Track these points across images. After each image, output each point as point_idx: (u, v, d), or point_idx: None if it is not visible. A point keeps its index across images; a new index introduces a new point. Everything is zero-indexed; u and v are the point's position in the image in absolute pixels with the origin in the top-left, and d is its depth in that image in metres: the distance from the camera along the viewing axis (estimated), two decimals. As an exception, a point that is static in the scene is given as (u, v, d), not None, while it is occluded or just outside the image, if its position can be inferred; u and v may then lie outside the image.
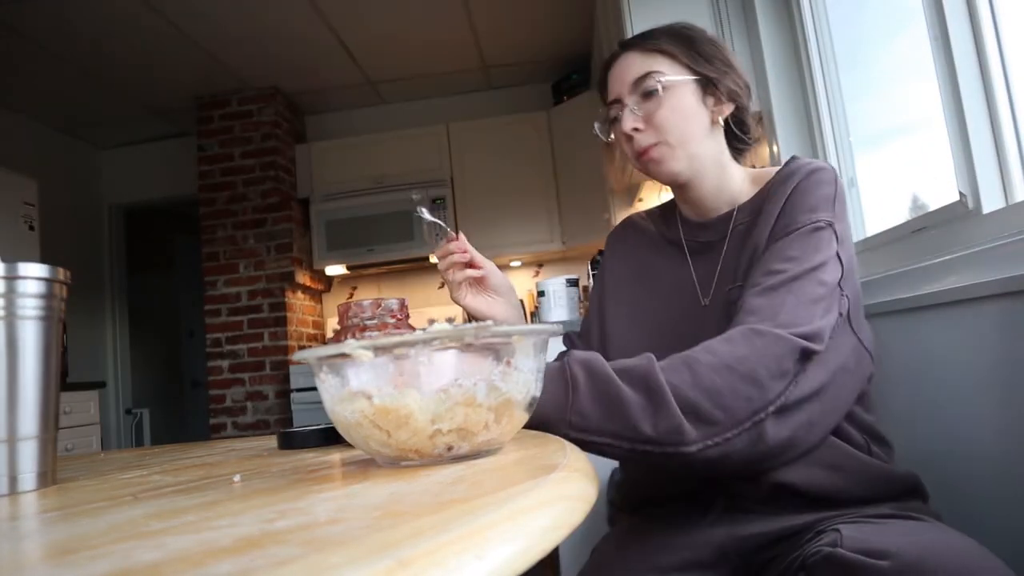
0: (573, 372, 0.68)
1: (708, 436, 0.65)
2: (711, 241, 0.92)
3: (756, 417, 0.66)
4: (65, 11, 2.85)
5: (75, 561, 0.27)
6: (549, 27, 3.41)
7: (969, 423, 1.02)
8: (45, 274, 0.55)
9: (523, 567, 0.27)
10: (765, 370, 0.67)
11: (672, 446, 0.65)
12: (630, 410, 0.65)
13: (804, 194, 0.82)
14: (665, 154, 0.88)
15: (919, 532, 0.65)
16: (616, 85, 0.91)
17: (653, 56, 0.88)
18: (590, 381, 0.67)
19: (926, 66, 1.21)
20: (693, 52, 0.88)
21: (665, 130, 0.87)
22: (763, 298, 0.73)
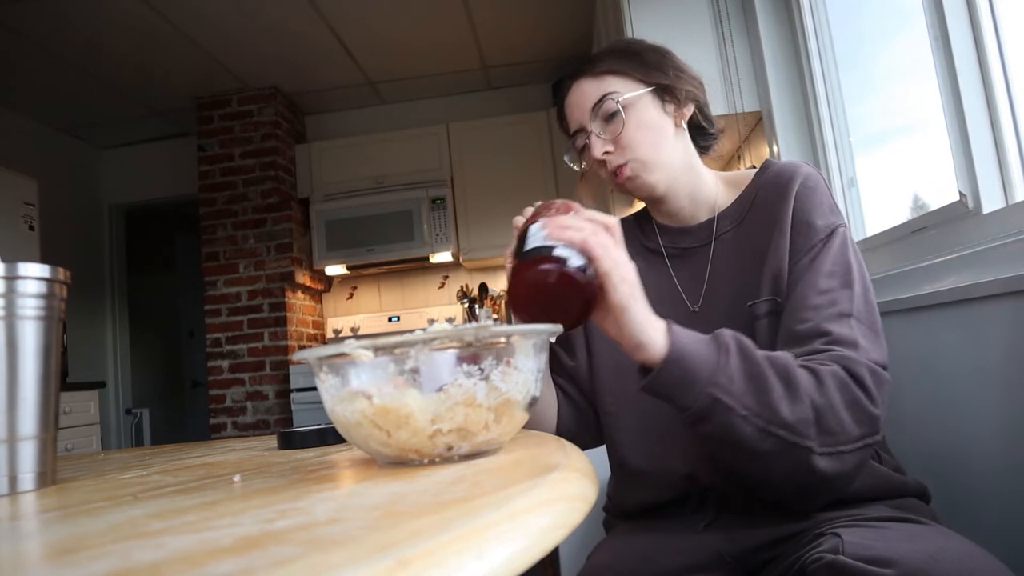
0: (725, 340, 0.68)
1: (826, 444, 0.66)
2: (693, 247, 0.91)
3: (865, 440, 0.68)
4: (65, 11, 2.85)
5: (75, 561, 0.27)
6: (549, 27, 3.41)
7: (969, 422, 1.02)
8: (45, 274, 0.55)
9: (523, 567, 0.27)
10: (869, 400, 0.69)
11: (801, 438, 0.65)
12: (772, 391, 0.66)
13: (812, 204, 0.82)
14: (638, 170, 0.88)
15: (922, 538, 0.63)
16: (576, 114, 0.91)
17: (604, 79, 0.89)
18: (740, 353, 0.68)
19: (926, 66, 1.21)
20: (641, 65, 0.89)
21: (633, 147, 0.87)
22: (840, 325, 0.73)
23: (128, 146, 4.33)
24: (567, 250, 0.63)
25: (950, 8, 1.13)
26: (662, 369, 0.66)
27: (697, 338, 0.68)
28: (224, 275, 3.67)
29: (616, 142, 0.87)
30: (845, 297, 0.75)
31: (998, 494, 0.97)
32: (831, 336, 0.72)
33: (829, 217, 0.81)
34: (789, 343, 0.75)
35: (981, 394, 0.99)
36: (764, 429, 0.65)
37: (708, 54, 2.01)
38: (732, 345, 0.68)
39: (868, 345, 0.73)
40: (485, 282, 3.79)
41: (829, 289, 0.76)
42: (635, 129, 0.87)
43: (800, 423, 0.65)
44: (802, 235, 0.81)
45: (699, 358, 0.66)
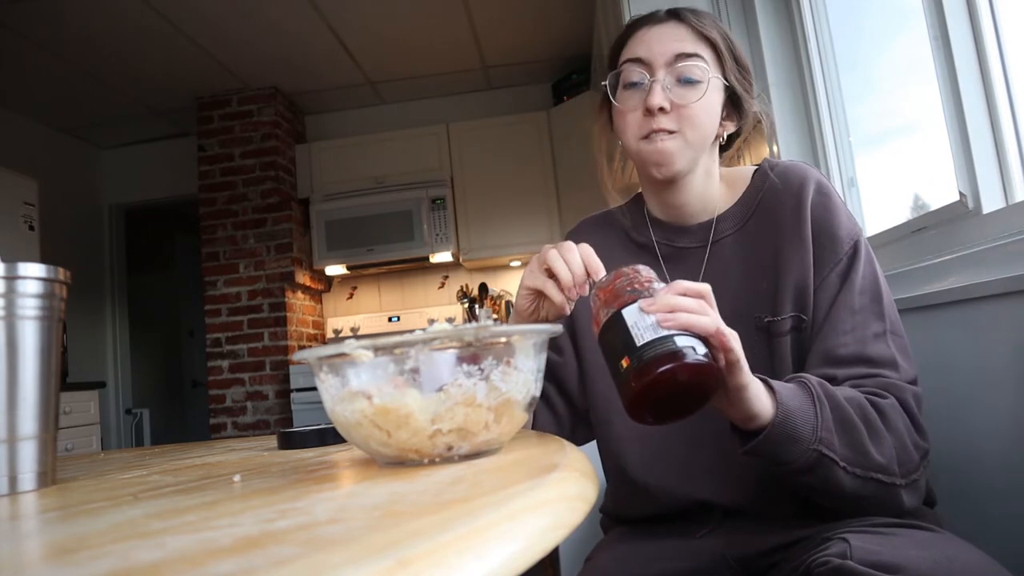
0: (813, 388, 0.68)
1: (905, 476, 0.69)
2: (688, 248, 0.88)
3: (924, 464, 0.71)
4: (65, 11, 2.85)
5: (75, 561, 0.27)
6: (549, 27, 3.41)
7: (970, 422, 1.02)
8: (45, 274, 0.55)
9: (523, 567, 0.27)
10: (916, 427, 0.71)
11: (893, 476, 0.68)
12: (862, 436, 0.67)
13: (831, 213, 0.80)
14: (678, 147, 0.81)
15: (930, 545, 0.63)
16: (654, 47, 0.82)
17: (702, 42, 0.82)
18: (829, 401, 0.68)
19: (926, 66, 1.21)
20: (734, 60, 0.85)
21: (691, 123, 0.81)
22: (879, 347, 0.74)
23: (128, 146, 4.33)
24: (686, 338, 0.58)
25: (950, 8, 1.13)
26: (770, 432, 0.65)
27: (792, 391, 0.67)
28: (224, 275, 3.67)
29: (679, 108, 0.80)
30: (877, 313, 0.75)
31: (999, 494, 0.97)
32: (874, 361, 0.73)
33: (850, 227, 0.79)
34: (829, 365, 0.74)
35: (981, 394, 0.99)
36: (863, 476, 0.67)
37: (708, 54, 2.01)
38: (821, 393, 0.68)
39: (904, 362, 0.74)
40: (485, 282, 3.79)
41: (863, 308, 0.75)
42: (703, 109, 0.81)
43: (890, 463, 0.67)
44: (826, 248, 0.78)
45: (801, 415, 0.66)
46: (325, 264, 3.72)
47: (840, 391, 0.70)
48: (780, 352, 0.78)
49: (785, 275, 0.79)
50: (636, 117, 0.83)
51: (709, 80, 0.81)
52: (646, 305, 0.60)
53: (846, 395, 0.69)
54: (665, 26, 0.84)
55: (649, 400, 0.58)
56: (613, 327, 0.60)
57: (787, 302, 0.79)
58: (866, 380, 0.72)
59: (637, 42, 0.84)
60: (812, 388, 0.68)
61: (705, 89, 0.81)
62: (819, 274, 0.78)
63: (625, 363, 0.58)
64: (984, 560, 0.62)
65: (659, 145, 0.81)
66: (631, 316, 0.59)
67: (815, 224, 0.80)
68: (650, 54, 0.82)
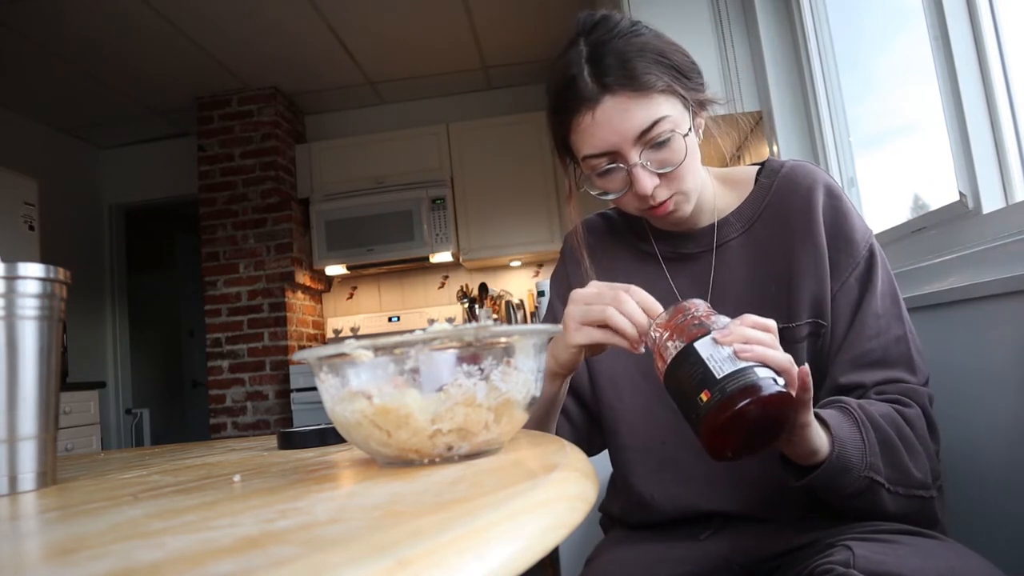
0: (854, 412, 0.68)
1: (935, 487, 0.71)
2: (693, 253, 0.86)
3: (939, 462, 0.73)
4: (65, 11, 2.85)
5: (75, 561, 0.27)
6: (549, 27, 3.41)
7: (970, 422, 1.02)
8: (45, 274, 0.55)
9: (523, 567, 0.27)
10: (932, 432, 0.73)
11: (930, 490, 0.69)
12: (902, 456, 0.68)
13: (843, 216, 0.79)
14: (681, 202, 0.79)
15: (934, 554, 0.63)
16: (611, 138, 0.74)
17: (652, 97, 0.74)
18: (871, 423, 0.68)
19: (926, 66, 1.21)
20: (682, 78, 0.77)
21: (683, 179, 0.77)
22: (899, 351, 0.75)
23: (128, 146, 4.33)
24: (765, 370, 0.57)
25: (950, 8, 1.13)
26: (827, 466, 0.65)
27: (839, 420, 0.67)
28: (224, 275, 3.67)
29: (666, 174, 0.76)
30: (898, 316, 0.76)
31: (999, 495, 0.97)
32: (898, 366, 0.74)
33: (864, 230, 0.79)
34: (857, 372, 0.75)
35: (981, 394, 0.99)
36: (906, 495, 0.68)
37: (708, 54, 2.01)
38: (864, 418, 0.68)
39: (921, 363, 0.75)
40: (485, 282, 3.79)
41: (886, 312, 0.76)
42: (690, 160, 0.76)
43: (926, 477, 0.69)
44: (842, 252, 0.77)
45: (852, 444, 0.66)
46: (325, 264, 3.72)
47: (875, 408, 0.70)
48: (797, 359, 0.77)
49: (799, 280, 0.78)
50: (630, 198, 0.79)
51: (680, 132, 0.75)
52: (721, 336, 0.58)
53: (881, 412, 0.69)
54: (604, 106, 0.74)
55: (731, 433, 0.57)
56: (685, 361, 0.58)
57: (803, 308, 0.77)
58: (890, 387, 0.73)
59: (588, 134, 0.76)
60: (855, 413, 0.68)
61: (681, 141, 0.75)
62: (837, 279, 0.77)
63: (705, 396, 0.56)
64: (988, 570, 0.62)
65: (664, 213, 0.78)
66: (705, 349, 0.58)
67: (828, 228, 0.78)
68: (610, 144, 0.75)
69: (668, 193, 0.77)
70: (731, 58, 1.99)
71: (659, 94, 0.74)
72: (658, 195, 0.77)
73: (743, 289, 0.81)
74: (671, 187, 0.77)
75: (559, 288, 0.98)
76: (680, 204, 0.79)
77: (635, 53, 0.74)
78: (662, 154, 0.75)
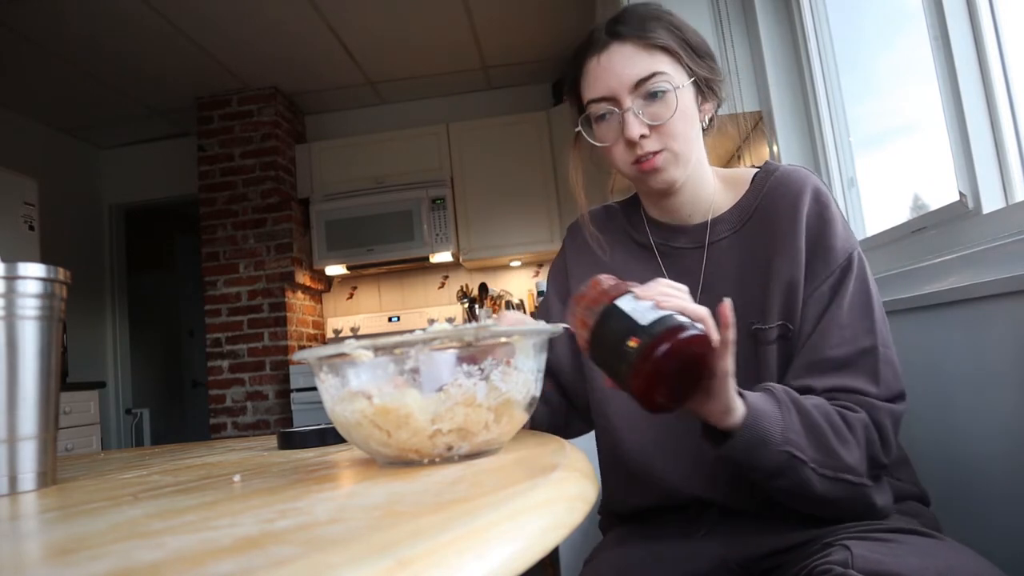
0: (779, 394, 0.69)
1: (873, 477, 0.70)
2: (685, 248, 0.87)
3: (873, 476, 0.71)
4: (65, 11, 2.85)
5: (75, 561, 0.27)
6: (549, 27, 3.41)
7: (969, 422, 1.02)
8: (45, 274, 0.55)
9: (523, 567, 0.27)
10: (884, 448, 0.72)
11: (862, 476, 0.69)
12: (829, 439, 0.68)
13: (826, 223, 0.79)
14: (669, 161, 0.81)
15: (932, 553, 0.63)
16: (611, 81, 0.80)
17: (655, 53, 0.80)
18: (795, 406, 0.69)
19: (926, 66, 1.21)
20: (690, 51, 0.82)
21: (673, 136, 0.80)
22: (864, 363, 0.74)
23: (128, 146, 4.33)
24: (684, 317, 0.59)
25: (950, 8, 1.13)
26: (741, 432, 0.66)
27: (758, 396, 0.68)
28: (224, 275, 3.67)
29: (657, 127, 0.80)
30: (866, 329, 0.75)
31: (998, 495, 0.97)
32: (856, 377, 0.73)
33: (846, 239, 0.78)
34: (810, 376, 0.74)
35: (981, 394, 0.99)
36: (833, 477, 0.68)
37: (708, 54, 2.01)
38: (786, 399, 0.69)
39: (889, 378, 0.74)
40: (485, 282, 3.79)
41: (851, 322, 0.75)
42: (680, 118, 0.80)
43: (858, 464, 0.69)
44: (819, 259, 0.78)
45: (770, 417, 0.67)
46: (325, 264, 3.72)
47: (807, 399, 0.70)
48: (766, 360, 0.79)
49: (775, 282, 0.79)
50: (620, 149, 0.82)
51: (675, 87, 0.79)
52: (641, 291, 0.62)
53: (812, 403, 0.70)
54: (611, 51, 0.81)
55: (661, 375, 0.58)
56: (609, 318, 0.61)
57: (775, 310, 0.79)
58: (842, 394, 0.73)
59: (592, 78, 0.83)
60: (777, 394, 0.69)
61: (675, 98, 0.79)
62: (810, 284, 0.78)
63: (633, 343, 0.58)
64: (986, 568, 0.62)
65: (651, 169, 0.81)
66: (627, 304, 0.61)
67: (810, 233, 0.79)
68: (609, 88, 0.81)
69: (657, 146, 0.80)
70: (731, 58, 1.99)
71: (663, 52, 0.80)
72: (645, 145, 0.80)
73: (730, 289, 0.82)
74: (661, 141, 0.80)
75: (556, 280, 0.99)
76: (668, 163, 0.81)
77: (652, 17, 0.82)
78: (655, 107, 0.80)
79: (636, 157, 0.81)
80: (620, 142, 0.82)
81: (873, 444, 0.70)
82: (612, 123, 0.82)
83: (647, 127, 0.79)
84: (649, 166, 0.81)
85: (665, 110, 0.79)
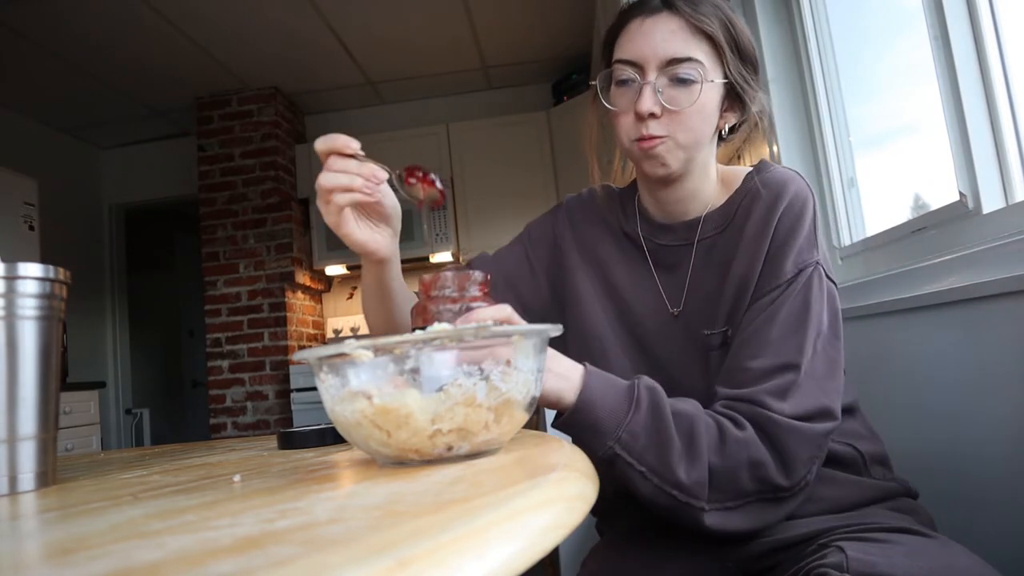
0: (640, 394, 0.69)
1: (715, 500, 0.68)
2: (672, 246, 0.86)
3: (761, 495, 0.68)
4: (65, 11, 2.85)
5: (75, 561, 0.27)
6: (549, 27, 3.41)
7: (969, 422, 1.02)
8: (45, 274, 0.55)
9: (523, 567, 0.27)
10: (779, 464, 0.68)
11: (694, 498, 0.67)
12: (672, 451, 0.67)
13: (792, 234, 0.77)
14: (669, 151, 0.78)
15: (926, 553, 0.63)
16: (645, 48, 0.77)
17: (700, 38, 0.77)
18: (650, 409, 0.68)
19: (927, 67, 1.21)
20: (735, 53, 0.79)
21: (684, 127, 0.77)
22: (781, 378, 0.70)
23: (128, 146, 4.33)
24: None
25: (950, 8, 1.13)
26: (571, 415, 0.67)
27: (611, 387, 0.68)
28: (224, 275, 3.67)
29: (671, 112, 0.77)
30: (794, 346, 0.71)
31: (998, 496, 0.97)
32: (764, 392, 0.70)
33: (802, 254, 0.75)
34: (722, 382, 0.74)
35: (981, 394, 0.99)
36: (659, 487, 0.67)
37: (708, 54, 2.01)
38: (645, 398, 0.68)
39: (808, 400, 0.69)
40: (485, 282, 3.79)
41: (778, 338, 0.72)
42: (698, 111, 0.77)
43: (694, 485, 0.66)
44: (771, 272, 0.76)
45: (605, 411, 0.67)
46: (325, 264, 3.72)
47: (681, 404, 0.69)
48: (713, 368, 0.78)
49: (728, 287, 0.78)
50: (628, 120, 0.79)
51: (704, 81, 0.76)
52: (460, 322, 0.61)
53: (683, 409, 0.69)
54: (658, 19, 0.77)
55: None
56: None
57: (723, 317, 0.78)
58: (741, 405, 0.70)
59: (628, 38, 0.79)
60: (638, 390, 0.69)
61: (699, 91, 0.76)
62: (755, 295, 0.76)
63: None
64: (981, 567, 0.62)
65: (649, 150, 0.79)
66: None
67: (774, 242, 0.77)
68: (641, 55, 0.77)
69: (663, 131, 0.78)
70: (731, 58, 1.98)
71: (708, 41, 0.77)
72: (652, 126, 0.77)
73: (710, 289, 0.81)
74: (668, 128, 0.77)
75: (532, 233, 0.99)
76: (668, 152, 0.78)
77: (712, 4, 0.78)
78: (677, 91, 0.77)
79: (639, 135, 0.79)
80: (630, 113, 0.79)
81: (759, 466, 0.67)
82: (630, 91, 0.79)
83: (661, 107, 0.77)
84: (648, 146, 0.78)
85: (686, 98, 0.76)
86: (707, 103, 0.78)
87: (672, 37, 0.77)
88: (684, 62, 0.76)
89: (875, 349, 1.26)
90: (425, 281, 0.63)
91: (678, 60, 0.76)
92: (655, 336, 0.84)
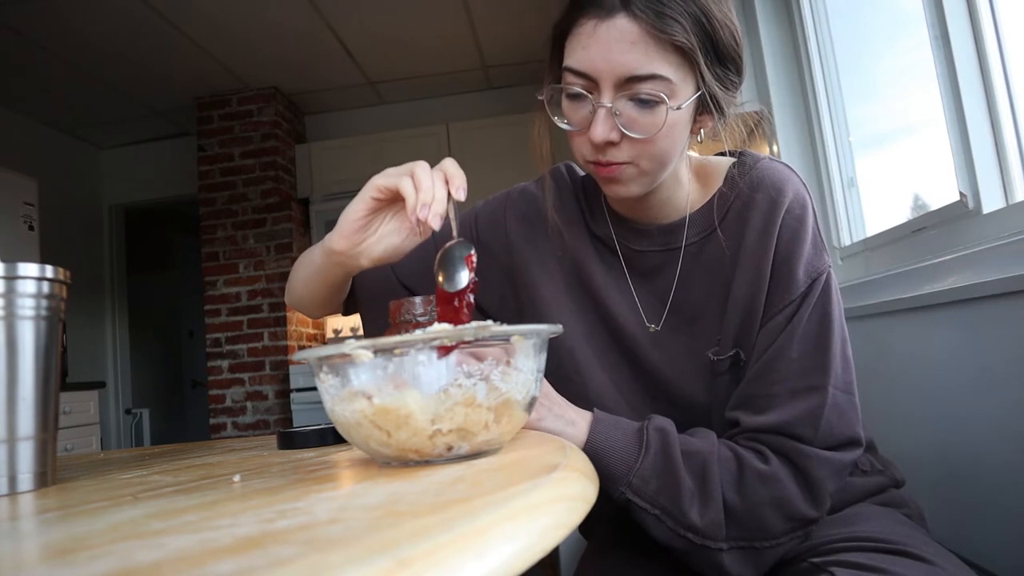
0: (649, 437, 0.67)
1: (739, 539, 0.66)
2: (649, 252, 0.77)
3: (792, 535, 0.66)
4: (65, 11, 2.85)
5: (75, 561, 0.27)
6: (549, 27, 3.41)
7: (969, 422, 1.02)
8: (45, 274, 0.55)
9: (523, 567, 0.27)
10: (808, 497, 0.66)
11: (711, 540, 0.66)
12: (683, 493, 0.66)
13: (798, 243, 0.70)
14: (631, 177, 0.68)
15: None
16: (598, 62, 0.63)
17: (665, 50, 0.62)
18: (661, 453, 0.67)
19: (927, 67, 1.21)
20: (713, 55, 0.66)
21: (646, 154, 0.66)
22: (807, 402, 0.66)
23: (128, 146, 4.33)
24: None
25: (950, 8, 1.13)
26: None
27: (620, 431, 0.68)
28: (224, 275, 3.67)
29: (627, 136, 0.65)
30: (818, 365, 0.67)
31: (999, 495, 0.97)
32: (790, 418, 0.66)
33: (812, 261, 0.70)
34: (741, 410, 0.70)
35: (981, 394, 0.99)
36: (673, 530, 0.66)
37: (708, 54, 2.00)
38: (655, 441, 0.67)
39: (835, 422, 0.66)
40: (485, 282, 3.79)
41: (800, 356, 0.67)
42: (665, 136, 0.65)
43: (709, 526, 0.65)
44: (781, 285, 0.69)
45: (614, 457, 0.67)
46: (325, 264, 3.72)
47: (694, 442, 0.67)
48: (720, 393, 0.73)
49: (734, 308, 0.72)
50: (583, 140, 0.67)
51: (671, 106, 0.63)
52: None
53: (695, 448, 0.67)
54: (613, 24, 0.62)
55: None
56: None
57: (730, 339, 0.72)
58: (768, 436, 0.67)
59: (580, 43, 0.65)
60: (645, 434, 0.68)
61: (665, 112, 0.63)
62: (768, 312, 0.70)
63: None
64: None
65: (608, 177, 0.68)
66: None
67: (779, 254, 0.70)
68: (593, 68, 0.63)
69: (624, 158, 0.66)
70: (731, 58, 1.98)
71: (674, 52, 0.63)
72: (611, 152, 0.66)
73: (698, 304, 0.75)
74: (630, 154, 0.66)
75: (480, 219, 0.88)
76: (631, 179, 0.68)
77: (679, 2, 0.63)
78: (639, 114, 0.64)
79: (596, 161, 0.68)
80: (585, 135, 0.67)
81: (786, 503, 0.64)
82: (583, 107, 0.66)
83: (620, 134, 0.64)
84: (607, 173, 0.68)
85: (650, 123, 0.64)
86: (676, 124, 0.65)
87: (631, 49, 0.62)
88: (647, 80, 0.62)
89: (875, 349, 1.26)
90: (392, 307, 0.61)
91: (638, 78, 0.62)
92: (635, 347, 0.77)
